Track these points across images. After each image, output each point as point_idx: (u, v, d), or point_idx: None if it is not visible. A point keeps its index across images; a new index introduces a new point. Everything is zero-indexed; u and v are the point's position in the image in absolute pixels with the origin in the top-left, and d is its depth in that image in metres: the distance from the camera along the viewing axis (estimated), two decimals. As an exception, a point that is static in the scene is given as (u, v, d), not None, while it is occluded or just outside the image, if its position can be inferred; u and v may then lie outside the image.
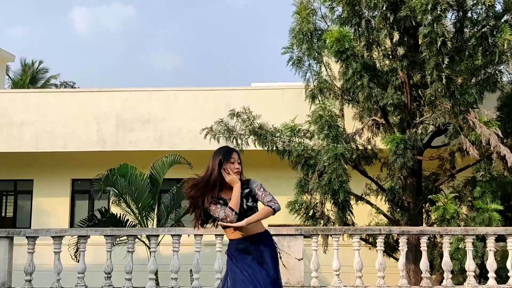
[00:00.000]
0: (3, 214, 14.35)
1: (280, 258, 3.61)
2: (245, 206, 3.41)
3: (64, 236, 6.51)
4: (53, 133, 12.73)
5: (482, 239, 7.58)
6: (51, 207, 13.56)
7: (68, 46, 48.89)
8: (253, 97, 11.95)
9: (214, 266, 6.45)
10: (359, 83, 8.85)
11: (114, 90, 13.20)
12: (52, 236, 6.40)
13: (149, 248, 9.78)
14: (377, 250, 6.66)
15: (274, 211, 3.40)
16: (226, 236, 3.53)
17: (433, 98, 8.30)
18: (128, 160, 10.60)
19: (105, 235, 6.67)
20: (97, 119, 12.78)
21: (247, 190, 3.45)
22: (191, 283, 6.58)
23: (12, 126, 12.78)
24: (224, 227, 3.42)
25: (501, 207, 8.16)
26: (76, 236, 9.58)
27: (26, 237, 6.35)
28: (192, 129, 11.68)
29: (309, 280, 6.42)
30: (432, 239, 9.86)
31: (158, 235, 6.78)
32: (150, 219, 10.66)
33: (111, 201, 11.64)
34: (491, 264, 6.45)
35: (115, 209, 10.77)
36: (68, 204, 14.03)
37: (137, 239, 6.64)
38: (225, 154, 3.49)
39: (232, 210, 3.31)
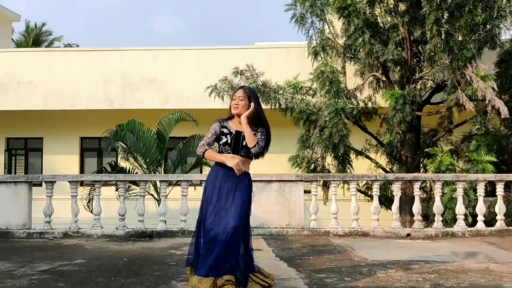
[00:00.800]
0: (14, 172, 14.82)
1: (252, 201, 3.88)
2: (243, 143, 3.71)
3: (79, 181, 6.91)
4: (61, 92, 13.02)
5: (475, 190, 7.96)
6: (61, 164, 13.99)
7: (71, 8, 48.40)
8: (257, 56, 12.12)
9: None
10: (360, 39, 9.03)
11: (120, 50, 13.39)
12: (69, 181, 6.81)
13: (158, 195, 10.28)
14: (372, 196, 7.04)
15: (255, 146, 3.65)
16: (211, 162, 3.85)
17: (433, 53, 8.48)
18: (135, 118, 10.90)
19: (118, 180, 7.08)
20: (104, 78, 13.03)
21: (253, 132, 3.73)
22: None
23: (21, 85, 13.08)
24: (219, 152, 3.77)
25: (494, 159, 8.46)
26: (88, 188, 10.14)
27: (45, 181, 6.76)
28: (197, 88, 11.92)
29: (309, 223, 6.84)
30: (428, 192, 10.28)
31: (168, 181, 7.16)
32: (157, 173, 11.05)
33: (119, 156, 12.03)
34: (480, 208, 6.84)
35: (123, 164, 11.16)
36: (77, 161, 14.49)
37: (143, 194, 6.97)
38: (234, 92, 3.85)
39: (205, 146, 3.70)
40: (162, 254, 5.34)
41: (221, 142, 3.76)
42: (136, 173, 10.65)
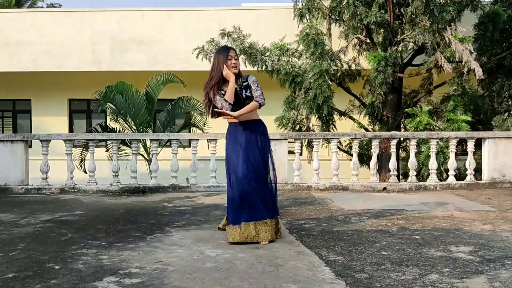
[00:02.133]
0: (2, 133, 14.97)
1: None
2: (244, 96, 4.02)
3: (74, 140, 7.20)
4: (50, 53, 13.05)
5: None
6: (49, 126, 14.18)
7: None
8: (244, 17, 12.24)
9: (209, 166, 7.26)
10: (345, 1, 9.24)
11: (108, 10, 13.34)
12: (63, 140, 7.10)
13: (148, 155, 10.61)
14: (352, 153, 7.47)
15: (260, 105, 4.03)
16: (228, 121, 4.15)
17: (414, 16, 8.74)
18: (124, 80, 11.07)
19: (111, 139, 7.38)
20: (92, 39, 13.06)
21: (245, 83, 4.04)
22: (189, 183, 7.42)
23: (9, 46, 13.06)
24: (224, 114, 4.04)
25: (469, 118, 8.91)
26: (80, 149, 10.43)
27: (40, 140, 7.04)
28: (185, 49, 12.05)
29: (293, 179, 7.28)
30: (408, 151, 10.76)
31: (158, 140, 7.48)
32: (146, 133, 11.35)
33: (109, 118, 12.26)
34: (451, 163, 7.33)
35: (113, 125, 11.42)
36: (66, 123, 14.68)
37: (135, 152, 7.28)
38: (224, 52, 4.01)
39: (226, 101, 3.94)
40: (155, 206, 5.74)
41: (226, 107, 3.96)
42: (126, 133, 10.92)
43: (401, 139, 9.83)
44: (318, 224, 4.60)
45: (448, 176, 7.62)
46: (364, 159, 10.27)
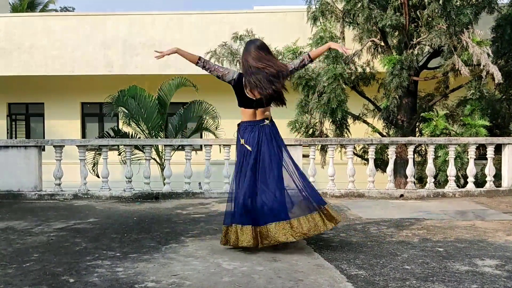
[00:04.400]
0: (15, 137, 15.06)
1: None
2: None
3: (87, 145, 7.17)
4: (62, 58, 13.11)
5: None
6: (62, 129, 14.25)
7: (64, -30, 47.22)
8: (256, 21, 12.18)
9: (222, 172, 7.17)
10: (359, 4, 9.11)
11: (119, 14, 13.37)
12: (77, 145, 7.07)
13: (161, 159, 10.58)
14: (367, 158, 7.33)
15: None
16: (242, 117, 4.02)
17: (430, 18, 8.59)
18: (135, 84, 11.06)
19: (124, 145, 7.34)
20: (104, 43, 13.09)
21: None
22: (201, 189, 7.34)
23: (22, 50, 13.14)
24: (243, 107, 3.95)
25: (488, 123, 8.71)
26: (92, 153, 10.42)
27: (54, 146, 7.01)
28: (197, 53, 11.91)
29: (307, 185, 7.15)
30: (423, 155, 10.60)
31: (172, 145, 7.43)
32: (160, 138, 11.33)
33: (121, 121, 12.26)
34: (471, 169, 7.15)
35: (126, 129, 11.41)
36: (79, 126, 14.73)
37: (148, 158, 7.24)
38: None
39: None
40: (169, 214, 5.66)
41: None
42: (139, 137, 10.92)
43: (417, 144, 9.65)
44: (336, 234, 4.49)
45: (466, 182, 7.46)
46: (378, 163, 10.12)
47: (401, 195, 6.94)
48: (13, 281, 3.11)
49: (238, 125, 4.09)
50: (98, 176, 9.80)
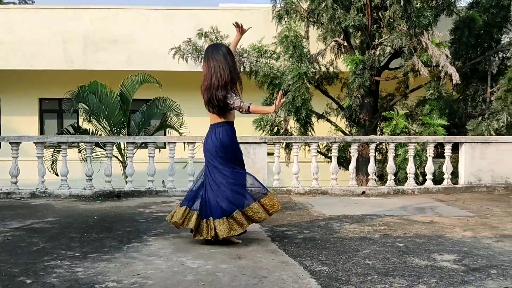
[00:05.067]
0: (-30, 134, 14.37)
1: None
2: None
3: (45, 142, 6.91)
4: (20, 51, 12.60)
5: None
6: (20, 125, 13.69)
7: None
8: (222, 18, 12.06)
9: (187, 170, 7.09)
10: (323, 4, 9.21)
11: (81, 8, 12.96)
12: (34, 142, 6.81)
13: (122, 156, 10.35)
14: (331, 156, 7.44)
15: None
16: (226, 118, 4.02)
17: (392, 20, 8.79)
18: (97, 79, 10.77)
19: (85, 142, 7.13)
20: (64, 37, 12.68)
21: None
22: (165, 187, 7.24)
23: (-24, 43, 12.54)
24: (230, 110, 3.97)
25: (445, 123, 8.99)
26: (51, 150, 10.07)
27: (10, 142, 6.72)
28: (161, 49, 11.81)
29: (272, 182, 7.20)
30: (384, 153, 10.86)
31: (135, 142, 7.28)
32: (121, 135, 11.07)
33: (81, 118, 11.90)
34: (429, 167, 7.39)
35: (86, 126, 11.08)
36: (37, 122, 14.20)
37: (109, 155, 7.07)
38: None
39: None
40: (131, 212, 5.55)
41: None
42: (100, 135, 10.63)
43: (378, 142, 9.87)
44: (300, 231, 4.52)
45: (424, 179, 7.68)
46: (341, 161, 10.27)
47: (363, 192, 7.08)
48: (-36, 284, 2.97)
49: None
50: (57, 174, 9.49)
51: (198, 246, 3.90)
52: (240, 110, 3.88)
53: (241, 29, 4.38)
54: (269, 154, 7.43)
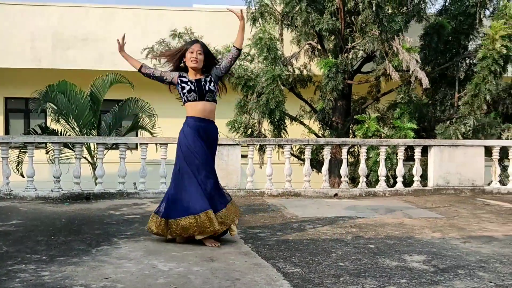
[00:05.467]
0: None
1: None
2: (206, 88, 4.04)
3: (10, 142, 6.68)
4: (-16, 49, 12.18)
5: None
6: (-16, 125, 13.24)
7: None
8: (195, 19, 12.01)
9: (159, 171, 6.99)
10: (298, 7, 9.28)
11: (49, 5, 12.62)
12: (-2, 142, 6.58)
13: (92, 158, 10.13)
14: (304, 159, 7.48)
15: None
16: (187, 113, 4.06)
17: (364, 24, 8.93)
18: (66, 79, 10.51)
19: (52, 142, 6.93)
20: (31, 35, 12.33)
21: (208, 78, 4.08)
22: (136, 188, 7.11)
23: None
24: (185, 102, 4.04)
25: (415, 126, 9.18)
26: (16, 151, 9.76)
27: (-28, 142, 6.48)
28: (133, 49, 11.48)
29: (245, 184, 7.17)
30: (356, 156, 10.99)
31: (105, 143, 7.12)
32: (91, 136, 10.84)
33: (49, 118, 11.59)
34: (400, 170, 7.52)
35: (54, 126, 10.80)
36: (1, 122, 13.75)
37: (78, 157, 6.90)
38: (189, 43, 4.16)
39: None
40: (101, 215, 5.42)
41: (185, 90, 4.04)
42: (69, 135, 10.38)
43: (351, 145, 9.99)
44: (273, 233, 4.51)
45: (395, 182, 7.80)
46: (314, 163, 10.35)
47: (335, 194, 7.14)
48: None
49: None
50: (22, 176, 9.18)
51: (170, 249, 3.83)
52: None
53: (239, 15, 4.38)
54: (242, 156, 7.41)
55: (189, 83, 4.03)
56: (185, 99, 4.05)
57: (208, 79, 4.08)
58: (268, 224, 4.94)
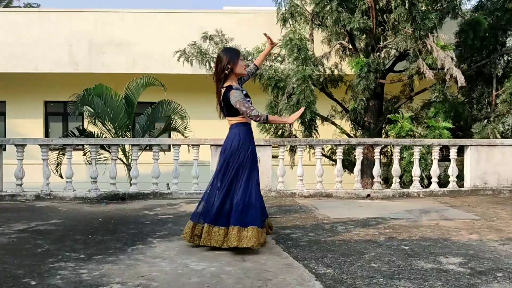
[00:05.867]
0: (-24, 136, 14.46)
1: None
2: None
3: (50, 144, 6.93)
4: (25, 55, 12.67)
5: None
6: (25, 128, 13.75)
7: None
8: (226, 21, 12.12)
9: (191, 173, 7.09)
10: (328, 7, 9.21)
11: (86, 11, 13.03)
12: (39, 145, 6.83)
13: (127, 159, 10.38)
14: (335, 159, 7.42)
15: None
16: (237, 120, 4.00)
17: (397, 22, 8.78)
18: (102, 82, 10.80)
19: (90, 144, 7.15)
20: (69, 40, 12.74)
21: (244, 91, 4.06)
22: (169, 189, 7.24)
23: (-18, 46, 12.62)
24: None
25: (450, 125, 8.96)
26: (56, 153, 10.11)
27: (15, 145, 6.74)
28: (165, 52, 11.84)
29: (276, 185, 7.18)
30: (389, 156, 10.82)
31: (139, 145, 7.29)
32: (126, 138, 11.10)
33: (86, 121, 11.95)
34: (434, 170, 7.35)
35: (91, 129, 11.12)
36: (42, 125, 14.27)
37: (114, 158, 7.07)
38: (234, 54, 4.05)
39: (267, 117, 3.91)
40: (136, 215, 5.55)
41: (249, 98, 4.04)
42: (105, 137, 10.65)
43: (384, 145, 9.85)
44: (305, 234, 4.50)
45: (430, 182, 7.64)
46: (346, 164, 10.25)
47: (368, 195, 7.06)
48: (-30, 285, 2.97)
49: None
50: (61, 177, 9.50)
51: (202, 249, 3.89)
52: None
53: (271, 41, 4.41)
54: (273, 157, 7.43)
55: (243, 91, 4.02)
56: (252, 107, 3.92)
57: (244, 92, 4.10)
58: (299, 225, 4.94)
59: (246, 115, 3.90)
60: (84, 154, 10.37)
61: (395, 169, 7.30)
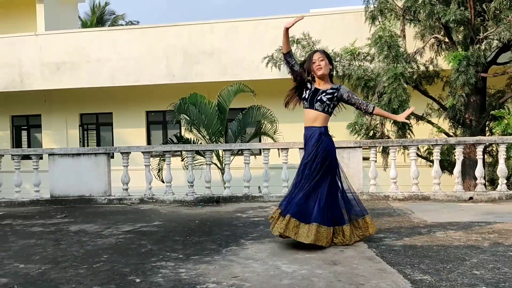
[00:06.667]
0: (87, 145, 15.97)
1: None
2: (319, 98, 4.10)
3: (151, 151, 7.47)
4: (126, 69, 13.78)
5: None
6: (129, 137, 14.94)
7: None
8: (313, 24, 12.08)
9: (281, 176, 7.18)
10: (420, 0, 8.79)
11: (180, 25, 13.82)
12: (142, 152, 7.39)
13: (221, 163, 10.78)
14: (432, 160, 7.03)
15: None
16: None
17: (498, 11, 8.13)
18: (196, 91, 11.37)
19: (186, 150, 7.56)
20: (166, 53, 13.60)
21: (331, 91, 4.11)
22: (261, 192, 7.40)
23: (90, 63, 13.96)
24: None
25: None
26: (157, 159, 10.82)
27: (121, 152, 7.38)
28: (253, 59, 12.16)
29: (368, 188, 7.00)
30: (494, 156, 10.00)
31: (231, 150, 7.56)
32: (220, 143, 11.55)
33: (183, 128, 12.65)
34: (549, 170, 6.67)
35: (187, 136, 11.75)
36: (144, 134, 15.37)
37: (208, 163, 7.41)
38: (308, 56, 4.20)
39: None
40: (229, 217, 5.76)
41: (302, 96, 4.19)
42: (200, 143, 11.19)
43: (487, 144, 9.13)
44: (399, 238, 4.34)
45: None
46: (445, 165, 9.68)
47: (470, 198, 6.59)
48: (84, 281, 3.30)
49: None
50: (162, 181, 10.15)
51: (293, 251, 3.92)
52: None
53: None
54: (364, 159, 7.25)
55: (308, 91, 4.14)
56: (303, 105, 4.19)
57: (329, 91, 4.11)
58: (393, 229, 4.77)
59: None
60: (182, 160, 10.97)
61: (501, 169, 6.73)
